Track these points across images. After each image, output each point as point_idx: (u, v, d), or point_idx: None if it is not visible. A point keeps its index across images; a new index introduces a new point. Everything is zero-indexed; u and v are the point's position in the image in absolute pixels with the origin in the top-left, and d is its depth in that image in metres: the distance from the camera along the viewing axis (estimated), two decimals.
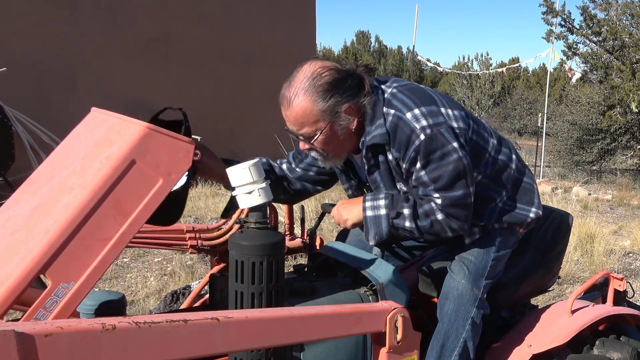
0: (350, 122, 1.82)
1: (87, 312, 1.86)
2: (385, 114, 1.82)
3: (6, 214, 1.46)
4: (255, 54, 11.20)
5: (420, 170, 1.80)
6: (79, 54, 8.82)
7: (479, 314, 1.96)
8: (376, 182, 1.94)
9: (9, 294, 1.21)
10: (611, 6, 13.14)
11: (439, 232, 1.86)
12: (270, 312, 1.27)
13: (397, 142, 1.80)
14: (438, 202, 1.81)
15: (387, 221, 1.83)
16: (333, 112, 1.78)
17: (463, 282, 1.95)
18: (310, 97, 1.76)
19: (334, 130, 1.81)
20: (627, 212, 9.04)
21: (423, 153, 1.76)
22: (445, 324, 1.95)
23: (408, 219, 1.83)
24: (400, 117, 1.79)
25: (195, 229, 2.22)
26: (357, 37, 33.31)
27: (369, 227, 1.86)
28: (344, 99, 1.78)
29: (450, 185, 1.79)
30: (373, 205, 1.86)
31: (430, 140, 1.75)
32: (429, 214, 1.83)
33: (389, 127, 1.80)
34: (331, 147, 1.86)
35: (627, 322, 2.27)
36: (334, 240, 2.32)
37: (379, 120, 1.82)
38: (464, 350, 1.94)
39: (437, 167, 1.78)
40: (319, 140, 1.82)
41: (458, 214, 1.84)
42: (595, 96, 14.11)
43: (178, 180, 1.42)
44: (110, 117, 1.49)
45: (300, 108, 1.78)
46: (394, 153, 1.83)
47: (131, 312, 3.98)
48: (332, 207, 2.09)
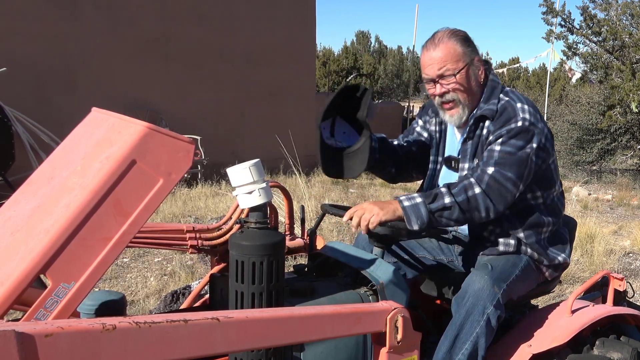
0: (480, 71, 2.18)
1: (87, 312, 1.86)
2: (500, 98, 2.18)
3: (6, 214, 1.46)
4: (255, 54, 11.20)
5: (497, 145, 2.07)
6: (79, 54, 8.82)
7: (495, 313, 1.98)
8: (466, 151, 2.21)
9: (9, 294, 1.21)
10: (611, 6, 13.13)
11: (475, 208, 2.01)
12: (270, 312, 1.27)
13: (498, 120, 2.12)
14: (489, 172, 2.02)
15: (425, 207, 2.00)
16: (470, 58, 2.15)
17: (486, 278, 2.00)
18: (454, 41, 2.14)
19: (469, 75, 2.15)
20: (627, 212, 9.04)
21: (510, 135, 2.06)
22: (462, 316, 1.98)
23: (446, 195, 2.01)
24: (511, 103, 2.14)
25: (195, 229, 2.22)
26: (357, 37, 33.30)
27: (410, 215, 2.00)
28: (476, 53, 2.19)
29: (509, 167, 2.03)
30: (408, 197, 2.04)
31: (521, 129, 2.06)
32: (467, 189, 2.01)
33: (499, 106, 2.15)
34: (462, 91, 2.15)
35: (627, 322, 2.27)
36: (333, 240, 2.32)
37: (493, 100, 2.17)
38: (474, 347, 1.96)
39: (510, 151, 2.05)
40: (457, 79, 2.13)
41: (495, 194, 2.02)
42: (595, 96, 14.09)
43: (178, 180, 1.42)
44: (110, 117, 1.49)
45: (445, 47, 2.13)
46: (490, 127, 2.13)
47: (131, 312, 3.98)
48: (336, 209, 2.09)
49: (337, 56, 28.03)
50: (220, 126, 10.59)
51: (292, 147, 9.39)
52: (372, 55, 31.97)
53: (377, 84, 28.45)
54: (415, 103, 22.53)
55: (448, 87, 2.14)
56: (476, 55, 2.17)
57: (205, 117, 10.38)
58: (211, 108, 10.54)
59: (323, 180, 10.32)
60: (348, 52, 28.18)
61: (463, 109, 2.18)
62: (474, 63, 2.16)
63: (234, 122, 10.93)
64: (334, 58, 27.49)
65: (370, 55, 31.46)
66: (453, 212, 2.01)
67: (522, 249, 2.19)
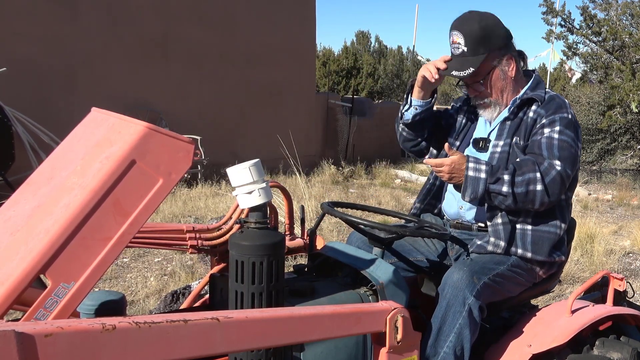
0: (510, 67, 2.24)
1: (87, 312, 1.86)
2: (546, 91, 2.27)
3: (6, 214, 1.46)
4: (255, 54, 11.20)
5: (555, 133, 2.13)
6: (79, 54, 8.81)
7: (476, 304, 1.97)
8: (503, 130, 2.26)
9: (9, 294, 1.21)
10: (611, 6, 13.12)
11: (531, 201, 2.07)
12: (270, 312, 1.27)
13: (548, 105, 2.19)
14: (557, 168, 2.07)
15: (485, 185, 2.05)
16: (496, 59, 2.22)
17: (464, 270, 2.01)
18: (475, 46, 2.18)
19: (496, 77, 2.23)
20: (627, 212, 9.04)
21: (564, 124, 2.14)
22: (443, 308, 1.98)
23: (506, 184, 2.04)
24: (560, 97, 2.25)
25: (195, 229, 2.21)
26: (357, 37, 33.25)
27: (467, 185, 2.06)
28: (504, 51, 2.23)
29: (569, 163, 2.10)
30: (475, 168, 2.07)
31: (572, 122, 2.17)
32: (529, 183, 2.05)
33: (547, 96, 2.23)
34: (490, 93, 2.26)
35: (627, 322, 2.27)
36: (333, 240, 2.32)
37: (540, 91, 2.26)
38: (459, 338, 1.95)
39: (567, 141, 2.12)
40: (483, 84, 2.24)
41: (555, 190, 2.07)
42: (595, 96, 14.08)
43: (178, 180, 1.42)
44: (110, 117, 1.49)
45: (466, 56, 2.19)
46: (539, 111, 2.19)
47: (131, 312, 3.98)
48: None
49: (337, 56, 27.98)
50: (220, 126, 10.59)
51: (292, 147, 9.39)
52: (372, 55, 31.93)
53: (377, 84, 28.40)
54: None
55: (477, 91, 2.26)
56: (504, 55, 2.21)
57: (205, 117, 10.38)
58: (211, 108, 10.53)
59: (323, 181, 10.33)
60: (348, 52, 28.13)
61: (494, 106, 2.28)
62: (502, 63, 2.22)
63: (234, 122, 10.93)
64: (334, 58, 27.45)
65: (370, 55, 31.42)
66: (506, 200, 2.06)
67: (512, 250, 2.17)
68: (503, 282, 2.11)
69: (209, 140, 9.59)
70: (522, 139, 2.19)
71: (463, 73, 2.16)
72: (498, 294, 2.11)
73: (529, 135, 2.19)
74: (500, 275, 2.10)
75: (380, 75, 29.36)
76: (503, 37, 2.21)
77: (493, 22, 2.20)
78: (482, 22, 2.16)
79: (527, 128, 2.20)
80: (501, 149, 2.21)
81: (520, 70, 2.28)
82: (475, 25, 2.15)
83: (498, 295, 2.12)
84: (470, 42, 2.15)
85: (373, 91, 27.67)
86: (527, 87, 2.28)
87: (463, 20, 2.19)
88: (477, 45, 2.14)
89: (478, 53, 2.15)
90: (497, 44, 2.19)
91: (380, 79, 29.20)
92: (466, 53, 2.16)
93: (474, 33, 2.14)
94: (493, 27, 2.18)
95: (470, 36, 2.14)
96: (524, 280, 2.21)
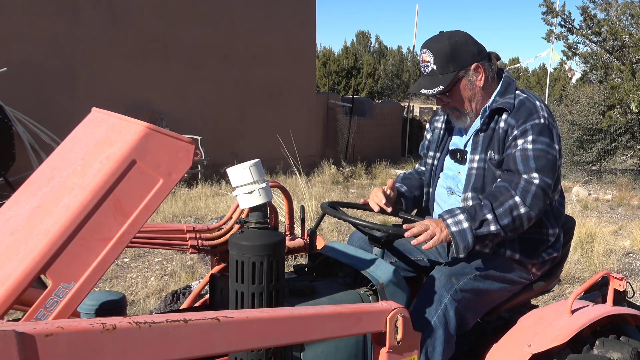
0: (479, 77, 2.18)
1: (87, 312, 1.86)
2: (516, 94, 2.20)
3: (6, 214, 1.46)
4: (255, 54, 11.20)
5: (529, 144, 2.08)
6: (79, 54, 8.81)
7: (453, 305, 1.97)
8: (477, 143, 2.22)
9: (9, 294, 1.21)
10: (611, 6, 13.11)
11: (520, 226, 2.05)
12: (270, 312, 1.27)
13: (518, 113, 2.14)
14: (536, 182, 2.04)
15: (472, 233, 1.99)
16: (461, 71, 2.17)
17: (444, 270, 2.04)
18: (440, 60, 2.16)
19: (463, 87, 2.18)
20: (627, 212, 9.04)
21: (537, 132, 2.08)
22: (419, 306, 1.99)
23: (492, 223, 2.00)
24: (529, 100, 2.17)
25: (195, 229, 2.22)
26: (357, 37, 33.27)
27: (458, 242, 1.99)
28: (469, 61, 2.18)
29: (547, 171, 2.06)
30: (454, 221, 2.00)
31: (545, 127, 2.10)
32: (512, 210, 2.02)
33: (516, 102, 2.17)
34: (460, 103, 2.21)
35: (627, 322, 2.27)
36: (333, 240, 2.32)
37: (509, 95, 2.20)
38: (431, 338, 1.95)
39: (542, 149, 2.07)
40: (450, 96, 2.19)
41: (539, 205, 2.04)
42: (595, 96, 14.06)
43: (178, 180, 1.42)
44: (110, 117, 1.49)
45: (432, 72, 2.18)
46: (509, 120, 2.14)
47: (131, 312, 3.98)
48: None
49: (337, 56, 27.98)
50: (220, 126, 10.59)
51: (292, 147, 9.40)
52: (372, 55, 31.93)
53: (377, 84, 28.41)
54: (415, 103, 22.50)
55: (445, 102, 2.23)
56: (470, 64, 2.16)
57: (205, 117, 10.38)
58: (211, 108, 10.54)
59: (323, 181, 10.33)
60: (348, 52, 28.14)
61: (464, 116, 2.24)
62: (469, 74, 2.17)
63: (234, 122, 10.93)
64: (334, 58, 27.45)
65: (370, 55, 31.43)
66: (498, 236, 2.04)
67: (501, 250, 2.17)
68: (492, 280, 2.12)
69: (209, 140, 9.59)
70: (497, 152, 2.16)
71: (432, 91, 2.15)
72: (489, 293, 2.12)
73: (503, 147, 2.15)
74: (488, 275, 2.11)
75: (380, 75, 29.36)
76: (474, 54, 2.18)
77: (463, 40, 2.18)
78: (452, 40, 2.15)
79: (500, 140, 2.16)
80: (477, 165, 2.20)
81: (490, 78, 2.22)
82: (444, 43, 2.14)
83: (490, 296, 2.13)
84: (439, 60, 2.13)
85: (373, 91, 27.68)
86: (496, 92, 2.22)
87: (433, 40, 2.19)
88: (446, 64, 2.13)
89: (447, 71, 2.14)
90: (468, 61, 2.16)
91: (380, 79, 29.20)
92: (435, 71, 2.15)
93: (442, 51, 2.13)
94: (462, 45, 2.16)
95: (439, 55, 2.13)
96: (517, 278, 2.21)
